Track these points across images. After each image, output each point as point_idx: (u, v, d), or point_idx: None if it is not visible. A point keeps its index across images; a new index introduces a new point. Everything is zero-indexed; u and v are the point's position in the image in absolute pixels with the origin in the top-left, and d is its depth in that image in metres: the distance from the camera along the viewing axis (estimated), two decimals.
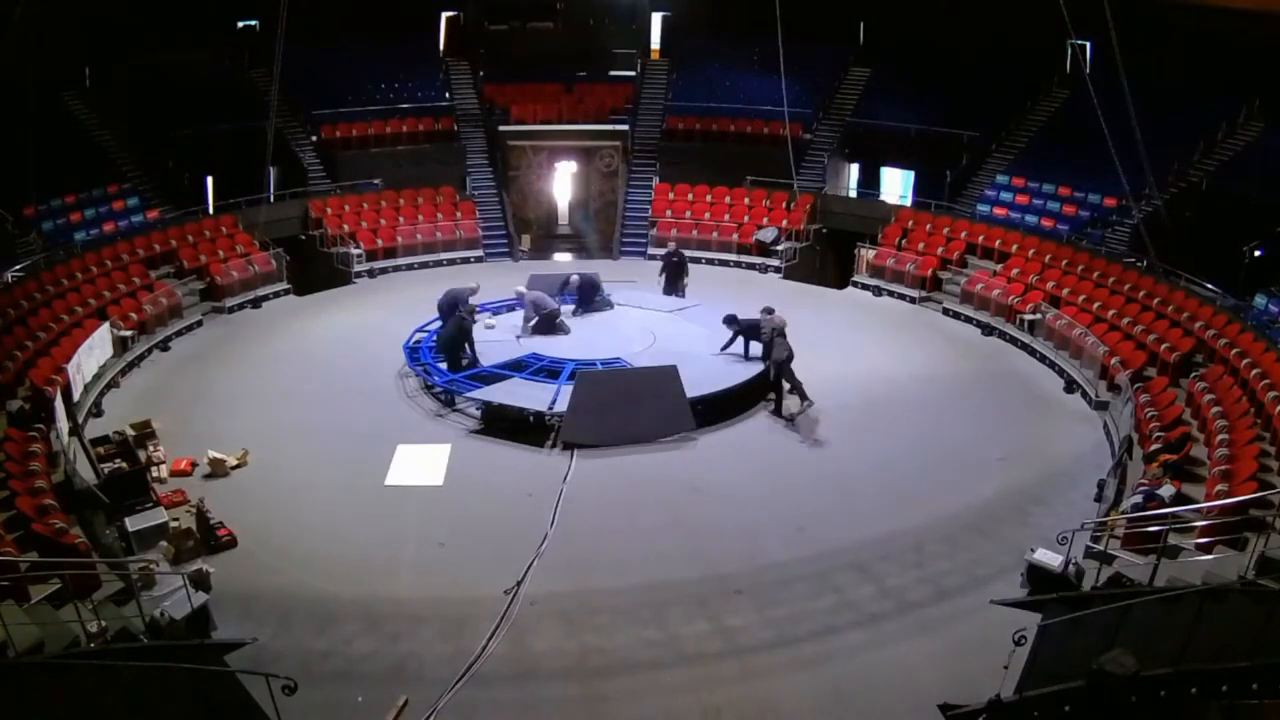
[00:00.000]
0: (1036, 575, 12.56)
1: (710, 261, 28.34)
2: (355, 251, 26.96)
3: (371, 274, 27.03)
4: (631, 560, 13.49)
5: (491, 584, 12.78)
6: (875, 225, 27.86)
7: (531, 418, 17.36)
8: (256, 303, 24.43)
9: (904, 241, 26.85)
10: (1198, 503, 13.62)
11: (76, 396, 17.65)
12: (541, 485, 15.47)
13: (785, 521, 14.50)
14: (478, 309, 20.67)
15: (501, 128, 31.09)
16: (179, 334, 22.27)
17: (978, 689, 9.72)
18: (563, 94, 33.12)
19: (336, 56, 31.16)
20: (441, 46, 34.34)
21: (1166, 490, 13.22)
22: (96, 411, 18.30)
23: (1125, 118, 19.78)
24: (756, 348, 18.87)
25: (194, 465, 15.92)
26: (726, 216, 29.60)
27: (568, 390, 17.29)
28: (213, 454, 15.85)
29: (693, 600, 12.65)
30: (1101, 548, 12.61)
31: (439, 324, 20.12)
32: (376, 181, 29.42)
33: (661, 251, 24.74)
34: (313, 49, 28.11)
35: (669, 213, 29.97)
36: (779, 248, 27.82)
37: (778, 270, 27.64)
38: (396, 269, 27.57)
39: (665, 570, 13.25)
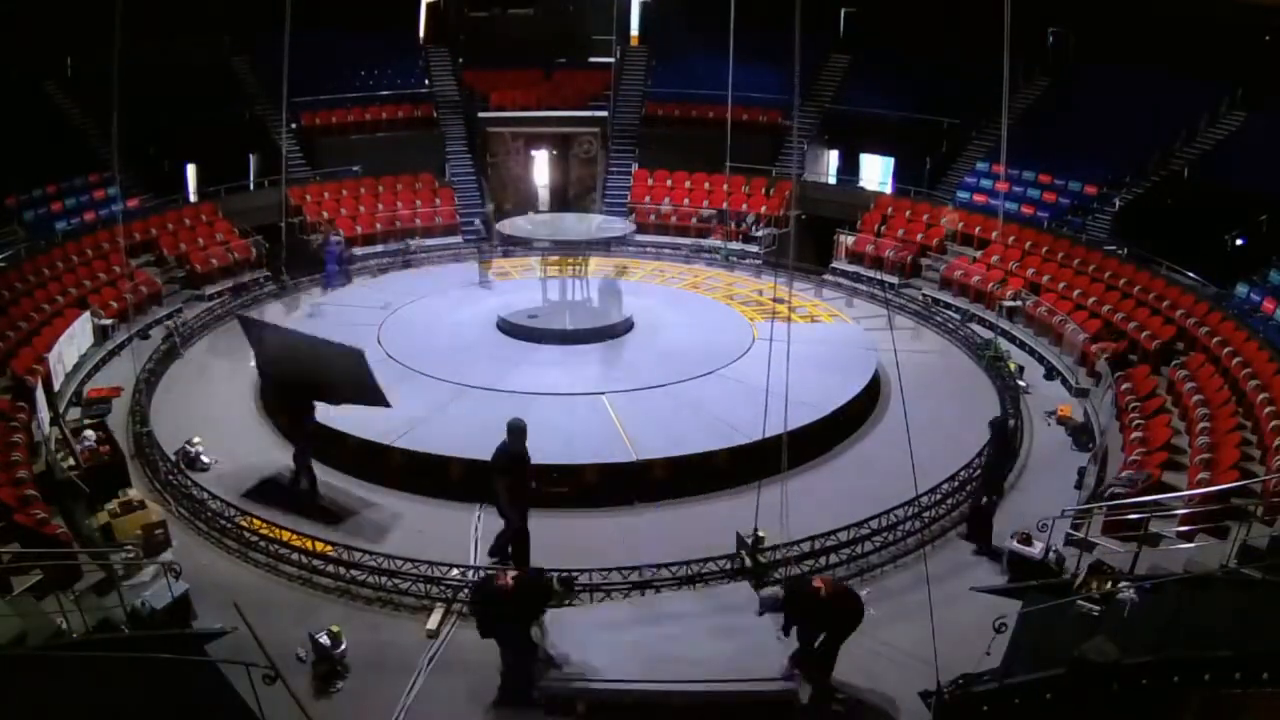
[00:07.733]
0: (1017, 562, 12.64)
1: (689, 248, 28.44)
2: (335, 238, 26.78)
3: (351, 260, 26.87)
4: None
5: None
6: (855, 212, 27.94)
7: None
8: (237, 291, 24.33)
9: (883, 228, 26.93)
10: (1180, 490, 13.71)
11: (57, 386, 17.56)
12: None
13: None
14: None
15: (481, 114, 30.94)
16: (159, 321, 22.12)
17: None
18: (542, 80, 33.04)
19: (316, 43, 30.81)
20: (421, 33, 34.14)
21: None
22: (77, 401, 18.21)
23: (1106, 106, 19.81)
24: None
25: None
26: (705, 203, 29.59)
27: None
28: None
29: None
30: (1082, 535, 12.70)
31: None
32: (356, 168, 29.27)
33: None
34: (293, 36, 27.81)
35: (648, 199, 29.96)
36: (759, 234, 27.83)
37: (757, 256, 27.64)
38: (376, 255, 27.45)
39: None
